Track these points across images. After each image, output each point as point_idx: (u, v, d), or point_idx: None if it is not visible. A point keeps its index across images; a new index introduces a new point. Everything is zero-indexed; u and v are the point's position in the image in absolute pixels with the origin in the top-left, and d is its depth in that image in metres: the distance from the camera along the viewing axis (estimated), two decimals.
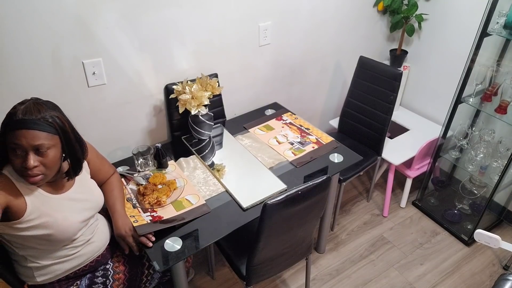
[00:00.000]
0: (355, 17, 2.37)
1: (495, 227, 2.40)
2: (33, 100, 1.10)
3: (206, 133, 1.85)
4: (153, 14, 1.63)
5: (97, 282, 1.31)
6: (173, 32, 1.73)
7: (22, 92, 1.46)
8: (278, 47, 2.14)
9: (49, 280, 1.25)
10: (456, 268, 2.15)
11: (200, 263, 2.11)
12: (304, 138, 1.89)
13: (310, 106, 2.55)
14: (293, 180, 1.61)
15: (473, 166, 2.17)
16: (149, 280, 1.44)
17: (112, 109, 1.73)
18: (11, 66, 1.41)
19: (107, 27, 1.54)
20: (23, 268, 1.23)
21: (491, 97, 2.06)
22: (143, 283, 1.43)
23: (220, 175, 1.64)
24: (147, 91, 1.80)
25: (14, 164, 1.07)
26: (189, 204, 1.48)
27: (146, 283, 1.44)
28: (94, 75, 1.60)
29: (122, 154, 1.82)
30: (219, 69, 1.98)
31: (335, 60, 2.49)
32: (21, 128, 1.03)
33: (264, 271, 1.57)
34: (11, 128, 1.04)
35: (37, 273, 1.22)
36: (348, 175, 2.13)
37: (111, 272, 1.35)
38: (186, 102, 1.71)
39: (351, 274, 2.10)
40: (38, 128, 1.05)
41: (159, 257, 1.28)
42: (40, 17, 1.38)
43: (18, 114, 1.04)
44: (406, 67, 2.58)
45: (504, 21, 1.88)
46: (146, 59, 1.71)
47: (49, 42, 1.44)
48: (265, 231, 1.33)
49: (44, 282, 1.24)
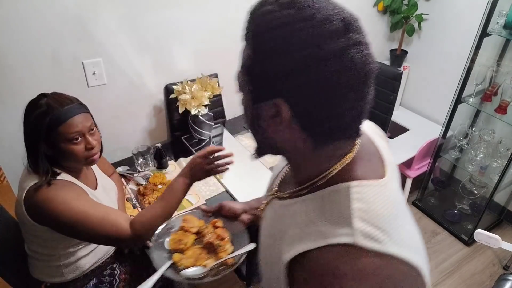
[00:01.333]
0: None
1: (495, 227, 2.39)
2: (49, 94, 1.10)
3: (206, 133, 1.85)
4: (153, 14, 1.63)
5: (104, 281, 1.31)
6: (173, 32, 1.73)
7: (22, 92, 1.46)
8: None
9: (77, 276, 1.25)
10: (456, 268, 2.14)
11: None
12: None
13: None
14: None
15: (473, 166, 2.17)
16: None
17: (112, 109, 1.73)
18: (11, 66, 1.41)
19: (107, 27, 1.54)
20: (50, 268, 1.21)
21: (491, 97, 2.06)
22: None
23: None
24: (147, 91, 1.80)
25: (75, 153, 1.09)
26: (189, 204, 1.48)
27: None
28: (94, 75, 1.59)
29: (122, 154, 1.82)
30: (219, 69, 1.97)
31: None
32: (71, 117, 1.06)
33: None
34: (60, 122, 1.05)
35: (66, 270, 1.22)
36: None
37: (117, 272, 1.35)
38: (186, 102, 1.71)
39: None
40: (82, 111, 1.10)
41: None
42: (40, 17, 1.38)
43: (57, 108, 1.05)
44: (406, 67, 2.57)
45: (504, 21, 1.88)
46: (146, 59, 1.71)
47: (49, 42, 1.44)
48: None
49: (72, 278, 1.24)
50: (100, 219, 1.05)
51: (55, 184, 1.08)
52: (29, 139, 1.08)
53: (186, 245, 1.15)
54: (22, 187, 1.09)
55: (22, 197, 1.07)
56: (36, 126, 1.04)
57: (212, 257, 1.15)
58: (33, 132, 1.05)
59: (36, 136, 1.05)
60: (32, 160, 1.08)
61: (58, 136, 1.06)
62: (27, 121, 1.07)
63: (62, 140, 1.07)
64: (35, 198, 1.05)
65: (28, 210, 1.07)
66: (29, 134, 1.07)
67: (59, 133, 1.05)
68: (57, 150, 1.09)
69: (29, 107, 1.08)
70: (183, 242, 1.15)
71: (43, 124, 1.04)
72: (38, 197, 1.04)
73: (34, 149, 1.07)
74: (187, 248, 1.15)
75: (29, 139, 1.08)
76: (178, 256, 1.13)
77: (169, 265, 1.12)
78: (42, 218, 1.07)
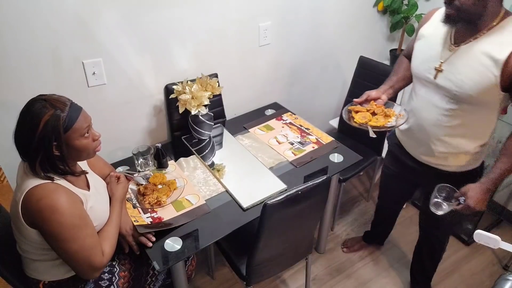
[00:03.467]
0: (355, 17, 2.37)
1: (495, 227, 2.39)
2: (44, 98, 1.10)
3: (206, 133, 1.85)
4: (153, 14, 1.63)
5: (104, 278, 1.32)
6: (173, 32, 1.73)
7: (22, 92, 1.46)
8: (278, 47, 2.14)
9: (74, 272, 1.26)
10: (456, 268, 2.15)
11: (200, 263, 2.11)
12: (304, 138, 1.89)
13: (310, 106, 2.55)
14: (293, 180, 1.61)
15: None
16: (153, 281, 1.44)
17: (112, 109, 1.73)
18: (11, 66, 1.41)
19: (107, 27, 1.54)
20: (45, 266, 1.22)
21: None
22: (147, 284, 1.43)
23: (220, 175, 1.64)
24: (147, 91, 1.80)
25: (88, 147, 1.16)
26: (189, 204, 1.48)
27: (150, 284, 1.44)
28: (94, 75, 1.60)
29: (122, 154, 1.82)
30: (219, 69, 1.97)
31: (335, 60, 2.49)
32: (80, 113, 1.13)
33: (264, 271, 1.58)
34: (73, 120, 1.10)
35: (64, 267, 1.23)
36: (348, 175, 2.13)
37: (117, 269, 1.35)
38: (186, 102, 1.71)
39: (351, 274, 2.10)
40: (82, 108, 1.16)
41: (159, 257, 1.28)
42: (40, 16, 1.38)
43: (64, 108, 1.08)
44: None
45: None
46: (146, 59, 1.71)
47: (49, 42, 1.44)
48: (265, 231, 1.33)
49: (71, 275, 1.25)
50: (87, 244, 1.12)
51: (58, 191, 1.09)
52: (40, 144, 1.06)
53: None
54: (20, 188, 1.09)
55: (20, 198, 1.08)
56: (53, 129, 1.06)
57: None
58: (47, 136, 1.06)
59: (49, 140, 1.06)
60: (41, 164, 1.09)
61: (73, 134, 1.11)
62: (33, 128, 1.05)
63: (76, 137, 1.12)
64: (34, 201, 1.06)
65: (24, 211, 1.08)
66: (41, 139, 1.06)
67: (74, 130, 1.10)
68: (70, 148, 1.12)
69: (32, 115, 1.06)
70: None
71: (58, 126, 1.06)
72: (37, 202, 1.06)
73: (45, 153, 1.08)
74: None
75: (40, 144, 1.06)
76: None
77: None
78: (36, 222, 1.08)
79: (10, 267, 1.26)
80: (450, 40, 1.27)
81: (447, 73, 1.26)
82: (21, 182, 1.12)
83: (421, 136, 1.42)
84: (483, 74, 1.18)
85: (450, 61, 1.25)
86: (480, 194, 1.28)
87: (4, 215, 1.34)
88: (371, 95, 1.50)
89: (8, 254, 1.27)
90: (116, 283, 1.33)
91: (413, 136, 1.46)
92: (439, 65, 1.28)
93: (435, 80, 1.30)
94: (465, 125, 1.31)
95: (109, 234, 1.24)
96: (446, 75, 1.27)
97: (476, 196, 1.28)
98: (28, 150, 1.08)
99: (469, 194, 1.29)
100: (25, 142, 1.08)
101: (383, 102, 1.48)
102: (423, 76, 1.36)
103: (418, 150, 1.47)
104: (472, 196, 1.28)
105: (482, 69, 1.18)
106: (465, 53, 1.22)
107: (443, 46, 1.28)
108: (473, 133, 1.32)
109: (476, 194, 1.28)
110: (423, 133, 1.40)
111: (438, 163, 1.44)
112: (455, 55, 1.24)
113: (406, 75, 1.54)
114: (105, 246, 1.20)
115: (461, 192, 1.32)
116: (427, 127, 1.38)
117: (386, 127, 1.40)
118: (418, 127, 1.41)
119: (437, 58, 1.29)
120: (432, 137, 1.38)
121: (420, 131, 1.41)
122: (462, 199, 1.31)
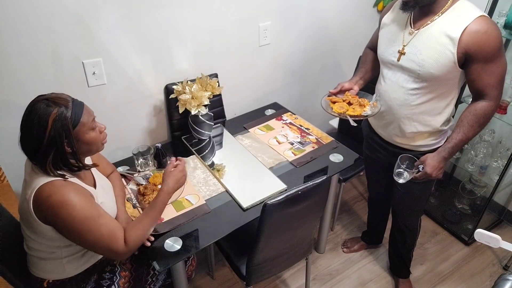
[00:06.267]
0: (355, 17, 2.37)
1: (495, 227, 2.40)
2: (46, 97, 1.10)
3: (206, 133, 1.85)
4: (153, 14, 1.63)
5: (105, 277, 1.32)
6: (173, 32, 1.73)
7: (22, 92, 1.46)
8: (278, 47, 2.14)
9: (79, 272, 1.28)
10: (456, 268, 2.15)
11: (200, 263, 2.11)
12: (304, 138, 1.89)
13: (310, 106, 2.55)
14: (293, 180, 1.61)
15: (473, 166, 2.17)
16: (153, 281, 1.44)
17: (112, 109, 1.73)
18: (11, 65, 1.41)
19: (107, 27, 1.54)
20: (52, 264, 1.23)
21: None
22: (148, 284, 1.43)
23: (220, 175, 1.64)
24: (147, 91, 1.80)
25: (97, 139, 1.18)
26: (189, 204, 1.48)
27: (151, 284, 1.44)
28: (94, 75, 1.60)
29: (122, 154, 1.82)
30: (219, 69, 1.98)
31: (335, 60, 2.49)
32: (83, 108, 1.14)
33: (264, 271, 1.58)
34: (80, 115, 1.11)
35: (68, 266, 1.24)
36: (348, 175, 2.13)
37: (118, 269, 1.36)
38: (186, 102, 1.71)
39: (351, 274, 2.10)
40: (83, 103, 1.16)
41: (159, 257, 1.28)
42: (40, 16, 1.38)
43: (67, 104, 1.09)
44: None
45: (504, 21, 1.88)
46: (146, 59, 1.72)
47: (49, 42, 1.44)
48: (265, 231, 1.33)
49: (74, 274, 1.27)
50: (104, 233, 1.12)
51: (67, 186, 1.10)
52: (52, 143, 1.06)
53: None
54: (30, 186, 1.10)
55: (31, 196, 1.08)
56: (62, 126, 1.06)
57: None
58: (58, 134, 1.06)
59: (60, 138, 1.07)
60: (53, 162, 1.09)
61: (81, 129, 1.11)
62: (42, 128, 1.05)
63: (85, 130, 1.13)
64: (44, 198, 1.06)
65: (36, 209, 1.08)
66: (52, 138, 1.06)
67: (82, 125, 1.11)
68: (81, 143, 1.13)
69: (39, 116, 1.05)
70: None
71: (67, 123, 1.07)
72: (48, 198, 1.06)
73: (57, 151, 1.08)
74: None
75: (52, 143, 1.06)
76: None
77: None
78: (49, 218, 1.09)
79: (12, 266, 1.26)
80: (410, 25, 1.38)
81: (409, 55, 1.37)
82: (30, 179, 1.11)
83: (390, 117, 1.51)
84: (442, 52, 1.28)
85: (411, 43, 1.36)
86: (437, 162, 1.41)
87: (5, 215, 1.34)
88: (345, 86, 1.59)
89: (10, 253, 1.27)
90: (117, 282, 1.33)
91: (384, 117, 1.54)
92: (402, 48, 1.39)
93: (399, 62, 1.41)
94: (429, 102, 1.40)
95: (140, 226, 1.19)
96: (409, 56, 1.37)
97: (433, 164, 1.41)
98: (38, 151, 1.07)
99: (427, 162, 1.42)
100: (35, 144, 1.07)
101: (355, 92, 1.59)
102: (388, 60, 1.46)
103: (388, 131, 1.55)
104: (429, 164, 1.41)
105: (441, 48, 1.28)
106: (424, 35, 1.33)
107: (404, 31, 1.40)
108: (436, 109, 1.42)
109: (433, 162, 1.41)
110: (392, 114, 1.48)
111: (408, 143, 1.53)
112: (415, 37, 1.35)
113: (373, 65, 1.64)
114: (130, 235, 1.16)
115: (420, 161, 1.44)
116: (395, 107, 1.46)
117: (363, 115, 1.50)
118: (388, 108, 1.49)
119: (400, 42, 1.40)
120: (401, 117, 1.46)
121: (390, 112, 1.49)
122: (421, 167, 1.43)
